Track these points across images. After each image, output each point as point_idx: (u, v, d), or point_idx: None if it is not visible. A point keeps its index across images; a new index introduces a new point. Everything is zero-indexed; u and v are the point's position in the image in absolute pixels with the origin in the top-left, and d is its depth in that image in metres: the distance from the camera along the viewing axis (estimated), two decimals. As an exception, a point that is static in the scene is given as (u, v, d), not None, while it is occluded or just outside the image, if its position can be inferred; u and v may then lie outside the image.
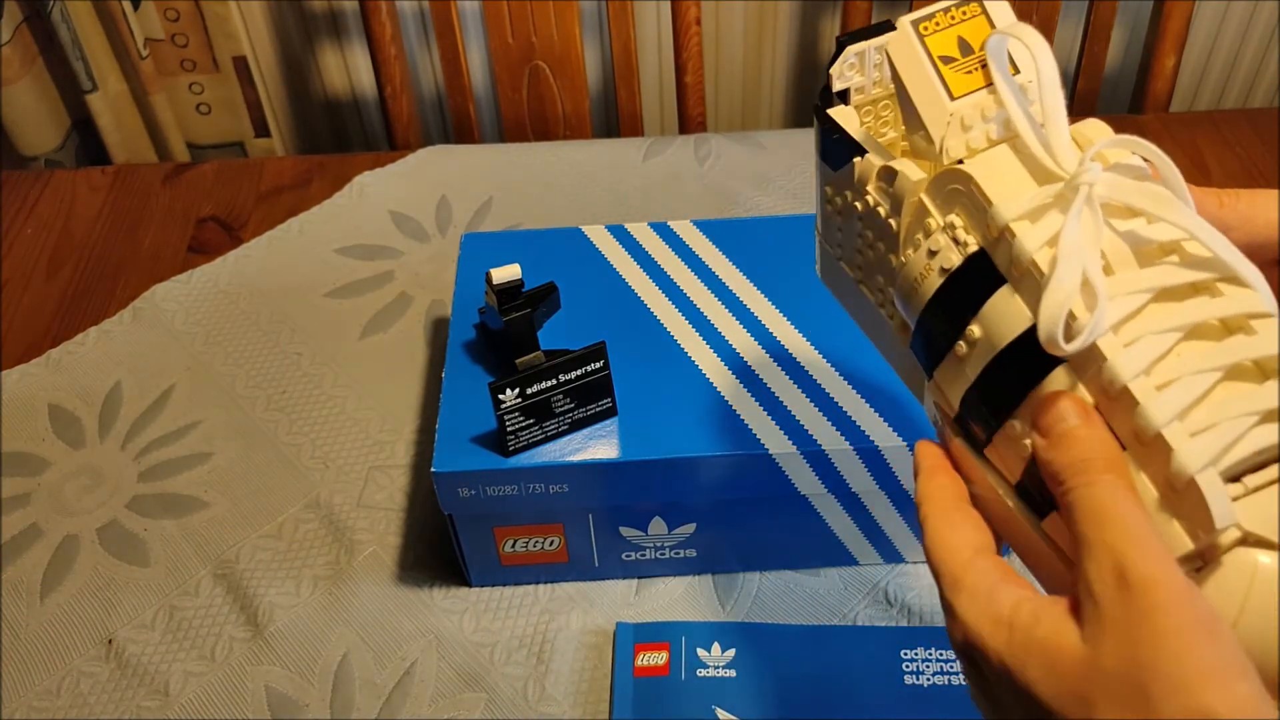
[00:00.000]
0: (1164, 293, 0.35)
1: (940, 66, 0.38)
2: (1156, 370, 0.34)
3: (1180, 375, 0.34)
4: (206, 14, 1.26)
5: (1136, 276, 0.36)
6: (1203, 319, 0.35)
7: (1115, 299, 0.35)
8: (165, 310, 0.89)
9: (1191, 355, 0.34)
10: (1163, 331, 0.35)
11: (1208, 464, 0.32)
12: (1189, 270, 0.35)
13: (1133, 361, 0.34)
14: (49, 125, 1.29)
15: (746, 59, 1.44)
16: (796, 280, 0.72)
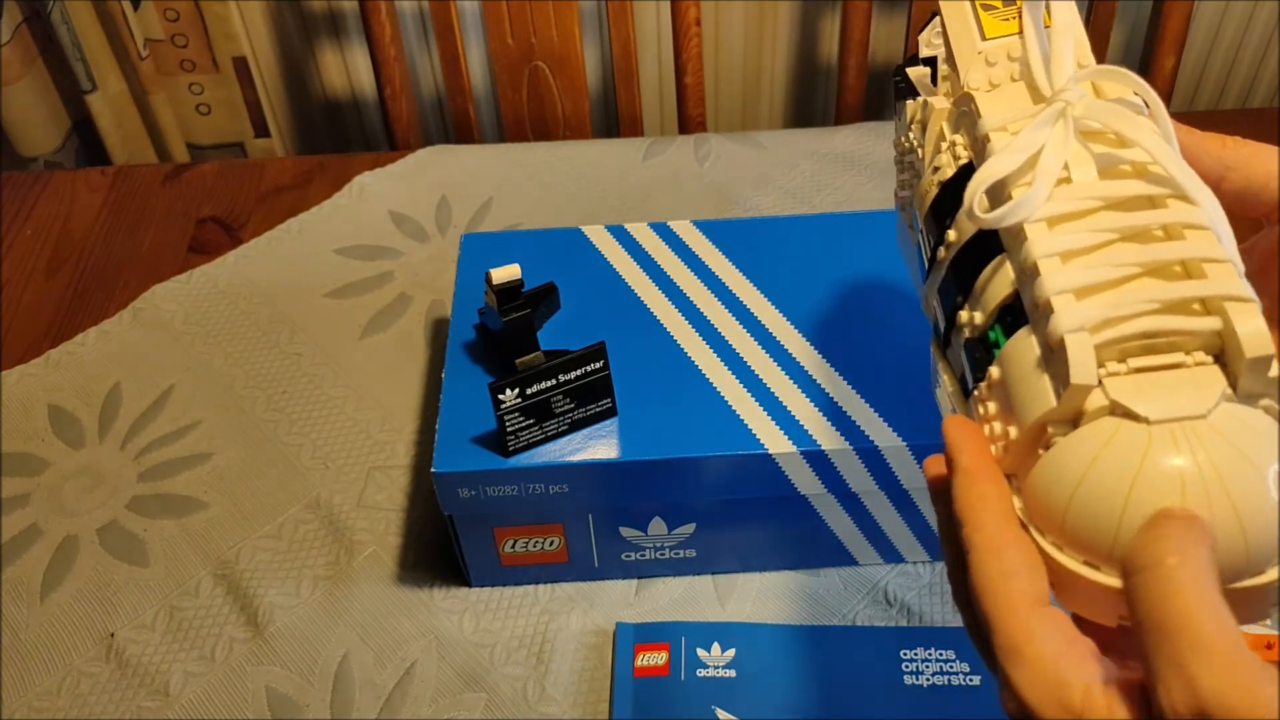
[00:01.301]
0: (1114, 202, 0.37)
1: (980, 11, 0.42)
2: (1078, 260, 0.36)
3: (1099, 265, 0.35)
4: (206, 14, 1.26)
5: (1090, 184, 0.37)
6: (1142, 225, 0.36)
7: (1061, 199, 0.37)
8: (165, 310, 0.89)
9: (1117, 252, 0.35)
10: (1097, 230, 0.36)
11: (1079, 327, 0.34)
12: (1143, 185, 0.37)
13: (1051, 243, 0.36)
14: (49, 126, 1.29)
15: (746, 59, 1.44)
16: (796, 280, 0.72)
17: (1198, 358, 0.34)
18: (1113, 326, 0.34)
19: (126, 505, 0.75)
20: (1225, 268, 0.34)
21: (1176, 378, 0.34)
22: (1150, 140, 0.37)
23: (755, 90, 1.48)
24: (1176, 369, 0.34)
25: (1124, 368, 0.34)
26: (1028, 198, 0.37)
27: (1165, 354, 0.34)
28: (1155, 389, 0.33)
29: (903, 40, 1.21)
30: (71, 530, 0.74)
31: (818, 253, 0.74)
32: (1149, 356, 0.34)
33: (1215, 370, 0.34)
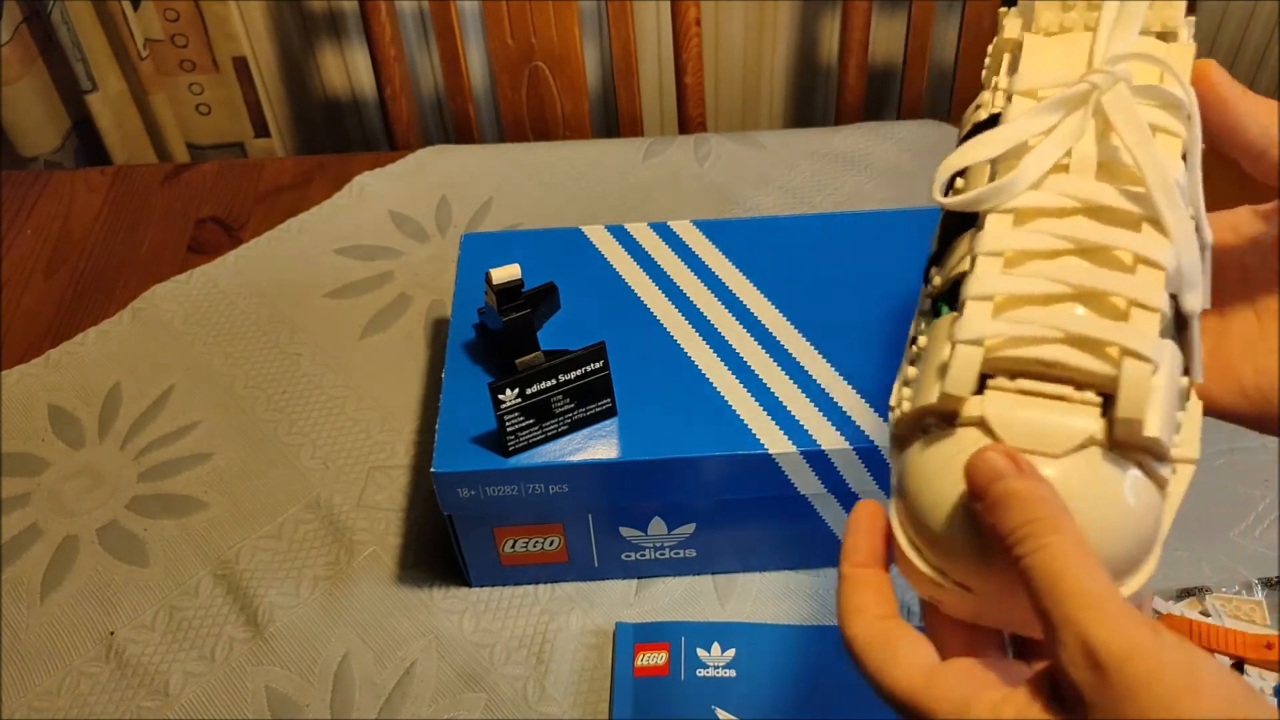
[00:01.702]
0: (1093, 209, 0.36)
1: None
2: (1026, 265, 0.35)
3: (1036, 276, 0.35)
4: (206, 14, 1.26)
5: (1080, 183, 0.36)
6: (1102, 244, 0.35)
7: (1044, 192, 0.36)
8: (165, 310, 0.89)
9: (1063, 266, 0.35)
10: (1059, 236, 0.35)
11: (975, 339, 0.34)
12: (1129, 200, 0.36)
13: (1001, 241, 0.36)
14: (49, 125, 1.29)
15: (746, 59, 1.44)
16: (796, 280, 0.72)
17: (1085, 396, 0.34)
18: (1015, 346, 0.34)
19: (126, 505, 0.75)
20: (1149, 318, 0.34)
21: (1054, 410, 0.34)
22: (1150, 154, 0.35)
23: (755, 90, 1.48)
24: (1060, 401, 0.34)
25: (1012, 385, 0.34)
26: (999, 188, 0.36)
27: (1056, 384, 0.34)
28: (1030, 416, 0.34)
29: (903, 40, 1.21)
30: (71, 530, 0.74)
31: (818, 253, 0.74)
32: (1040, 382, 0.34)
33: (1094, 414, 0.34)
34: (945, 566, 0.35)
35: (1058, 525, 0.32)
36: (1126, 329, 0.33)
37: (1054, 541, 0.31)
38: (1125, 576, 0.34)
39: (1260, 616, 0.63)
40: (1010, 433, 0.34)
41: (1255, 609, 0.63)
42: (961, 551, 0.34)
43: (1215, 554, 0.68)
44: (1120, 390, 0.33)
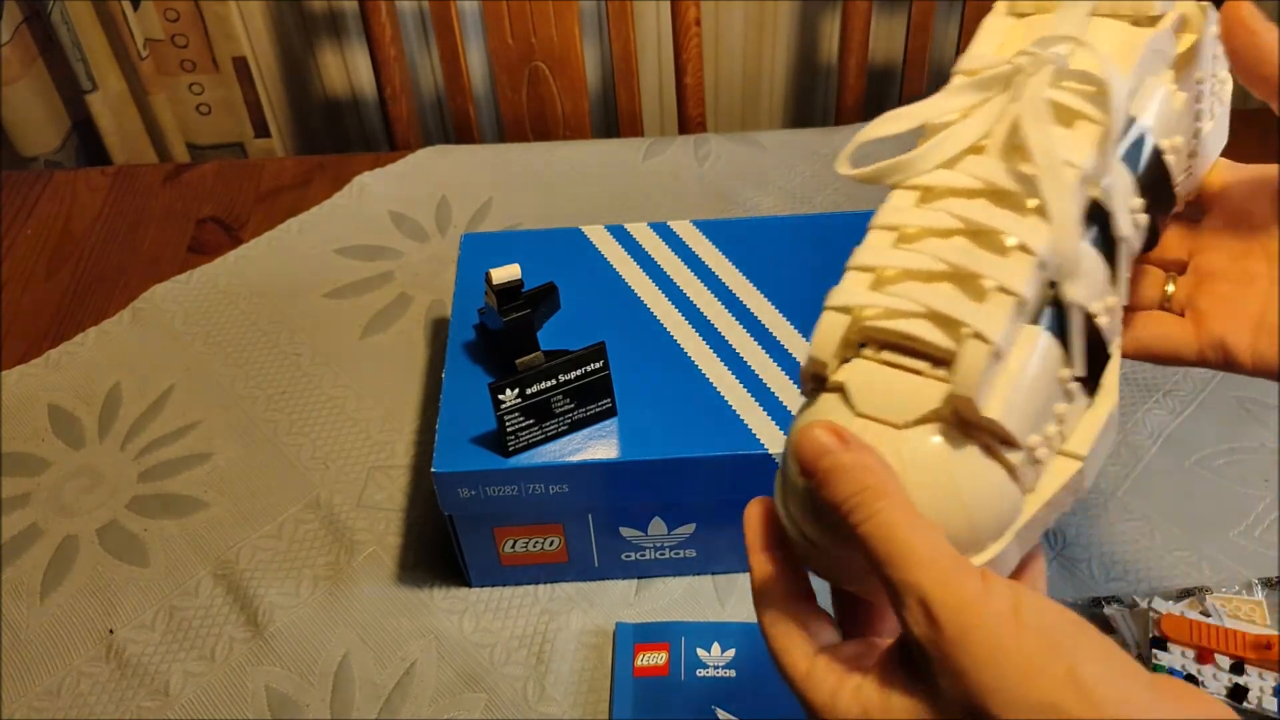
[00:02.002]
0: (992, 190, 0.37)
1: None
2: (923, 241, 0.37)
3: (920, 254, 0.36)
4: (206, 14, 1.26)
5: (987, 164, 0.37)
6: (988, 226, 0.36)
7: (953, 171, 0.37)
8: (165, 310, 0.89)
9: (948, 246, 0.36)
10: (953, 214, 0.36)
11: (841, 307, 0.36)
12: (1023, 185, 0.36)
13: (895, 216, 0.37)
14: (49, 125, 1.29)
15: (746, 59, 1.44)
16: (796, 280, 0.72)
17: (938, 373, 0.35)
18: (884, 318, 0.36)
19: (126, 505, 0.75)
20: (1004, 302, 0.34)
21: (907, 383, 0.35)
22: (1041, 140, 0.36)
23: (755, 90, 1.48)
24: (914, 374, 0.35)
25: (876, 355, 0.36)
26: (898, 164, 0.38)
27: (914, 359, 0.36)
28: (885, 385, 0.36)
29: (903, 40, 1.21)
30: (71, 530, 0.74)
31: (818, 253, 0.74)
32: (901, 355, 0.36)
33: (942, 389, 0.35)
34: (805, 529, 0.37)
35: (884, 491, 0.33)
36: (979, 310, 0.34)
37: (882, 508, 0.33)
38: (965, 554, 0.35)
39: (1260, 616, 0.63)
40: (863, 400, 0.36)
41: (1255, 609, 0.63)
42: (812, 518, 0.36)
43: (1215, 554, 0.68)
44: (956, 368, 0.34)
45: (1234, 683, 0.59)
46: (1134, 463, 0.74)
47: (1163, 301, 0.46)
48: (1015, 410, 0.34)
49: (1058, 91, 0.37)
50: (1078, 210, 0.36)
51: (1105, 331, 0.38)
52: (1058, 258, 0.35)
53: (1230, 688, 0.59)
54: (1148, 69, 0.38)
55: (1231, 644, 0.60)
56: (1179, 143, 0.40)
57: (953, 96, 0.38)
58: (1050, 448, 0.37)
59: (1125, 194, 0.38)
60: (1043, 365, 0.35)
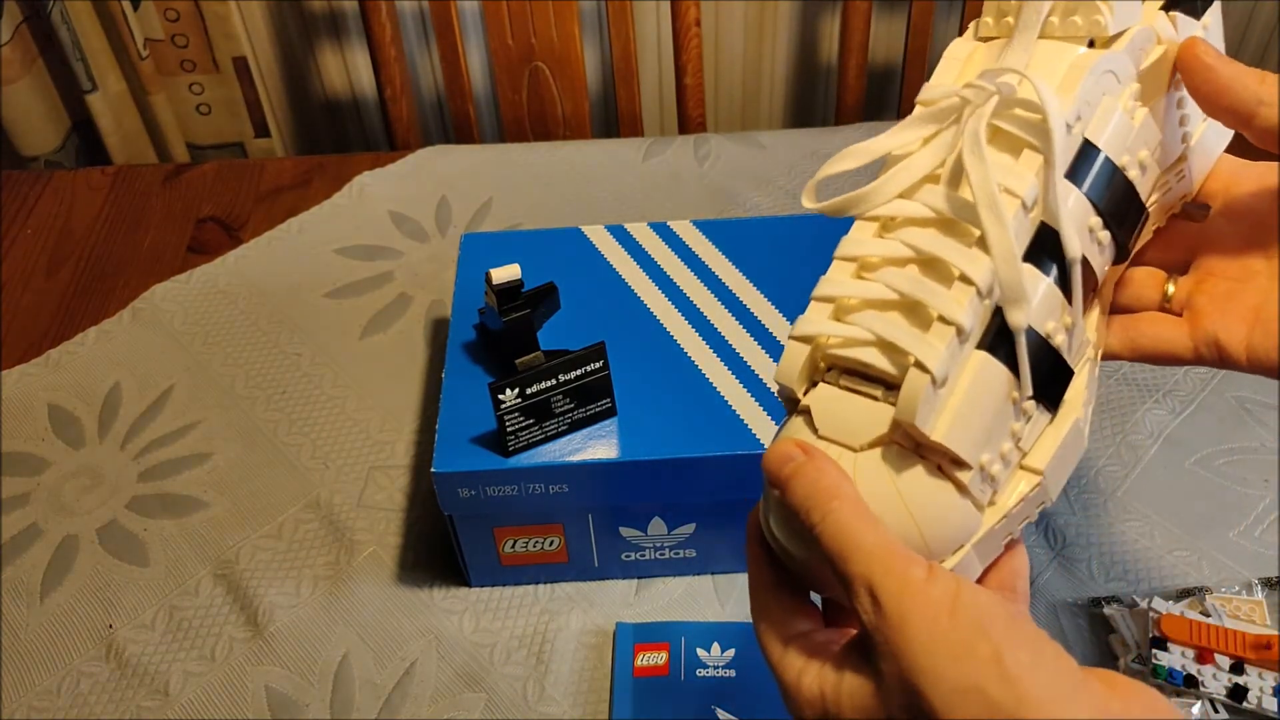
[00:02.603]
0: (942, 220, 0.38)
1: None
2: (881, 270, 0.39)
3: (876, 283, 0.38)
4: (206, 14, 1.26)
5: (937, 194, 0.38)
6: (937, 256, 0.37)
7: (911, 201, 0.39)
8: (165, 310, 0.89)
9: (901, 275, 0.38)
10: (907, 244, 0.38)
11: (804, 336, 0.39)
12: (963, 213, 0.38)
13: (857, 247, 0.40)
14: (49, 125, 1.29)
15: (746, 59, 1.44)
16: (796, 280, 0.72)
17: (890, 397, 0.37)
18: (842, 346, 0.38)
19: (126, 505, 0.75)
20: (944, 331, 0.36)
21: (863, 407, 0.38)
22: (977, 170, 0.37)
23: (755, 90, 1.48)
24: (870, 399, 0.38)
25: (838, 381, 0.39)
26: (858, 196, 0.39)
27: (870, 384, 0.38)
28: (842, 409, 0.38)
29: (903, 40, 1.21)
30: (71, 530, 0.74)
31: (818, 253, 0.74)
32: (859, 380, 0.38)
33: (892, 413, 0.37)
34: (780, 539, 0.39)
35: (838, 492, 0.36)
36: (920, 339, 0.36)
37: (835, 507, 0.35)
38: None
39: (1260, 616, 0.63)
40: (825, 423, 0.38)
41: (1255, 609, 0.63)
42: (783, 529, 0.39)
43: (1215, 554, 0.68)
44: (900, 395, 0.36)
45: (1234, 683, 0.59)
46: (1134, 463, 0.74)
47: (1162, 302, 0.46)
48: (960, 432, 0.36)
49: (1004, 120, 0.38)
50: (1015, 239, 0.37)
51: (1065, 349, 0.39)
52: (999, 286, 0.37)
53: (1230, 688, 0.59)
54: (1100, 89, 0.39)
55: (1231, 644, 0.60)
56: (1144, 156, 0.41)
57: (910, 128, 0.40)
58: (1006, 463, 0.38)
59: (1079, 215, 0.39)
60: (989, 388, 0.37)
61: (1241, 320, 0.43)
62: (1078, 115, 0.38)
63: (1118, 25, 0.39)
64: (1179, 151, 0.43)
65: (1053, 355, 0.39)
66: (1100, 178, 0.39)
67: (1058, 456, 0.39)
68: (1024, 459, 0.39)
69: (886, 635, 0.33)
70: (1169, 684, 0.59)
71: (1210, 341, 0.43)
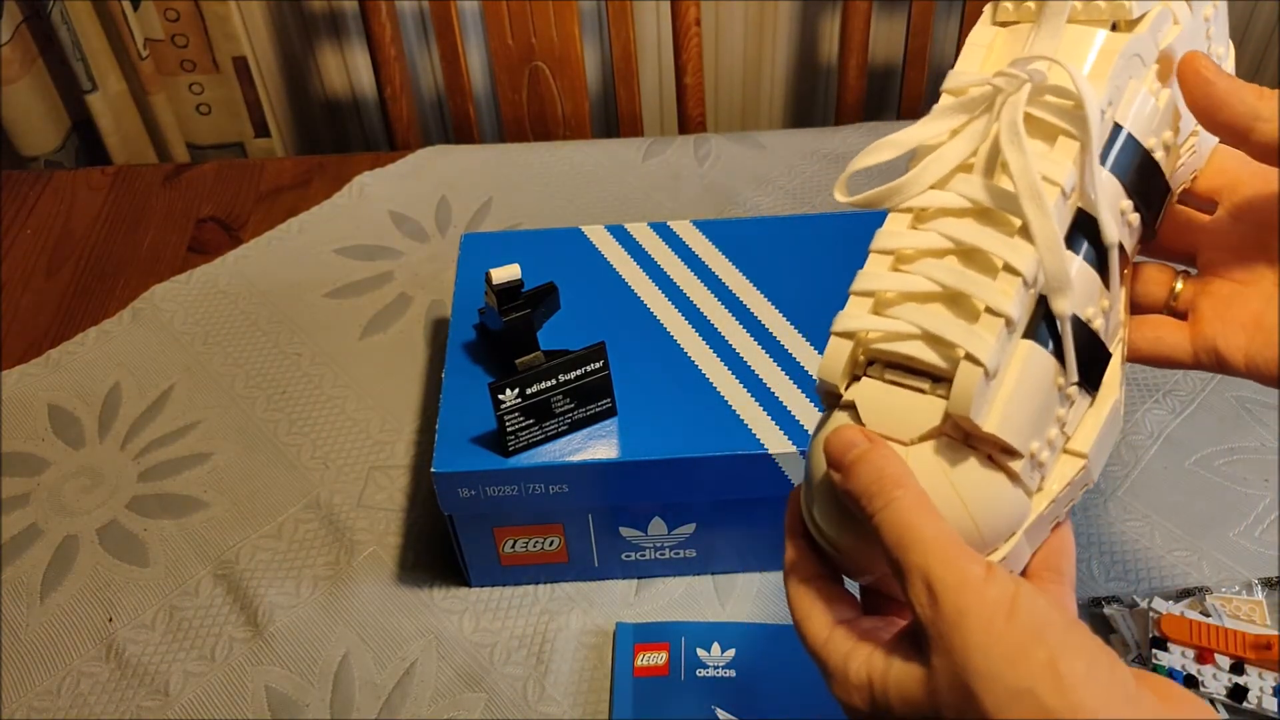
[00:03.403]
0: (981, 210, 0.38)
1: None
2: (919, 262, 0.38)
3: (916, 275, 0.38)
4: (206, 14, 1.26)
5: (972, 184, 0.38)
6: (978, 246, 0.37)
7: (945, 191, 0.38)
8: (165, 310, 0.89)
9: (941, 267, 0.38)
10: (945, 235, 0.38)
11: (847, 332, 0.39)
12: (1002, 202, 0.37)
13: (889, 239, 0.39)
14: (49, 125, 1.29)
15: (746, 59, 1.44)
16: (796, 280, 0.72)
17: (938, 390, 0.37)
18: (886, 340, 0.38)
19: (126, 505, 0.75)
20: (993, 324, 0.36)
21: (910, 401, 0.38)
22: (1019, 159, 0.37)
23: (755, 90, 1.48)
24: (917, 392, 0.38)
25: (883, 375, 0.39)
26: (894, 188, 0.39)
27: (916, 378, 0.38)
28: (891, 404, 0.38)
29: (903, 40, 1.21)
30: (71, 530, 0.74)
31: (818, 253, 0.74)
32: (906, 374, 0.38)
33: (943, 407, 0.37)
34: (825, 529, 0.39)
35: (901, 481, 0.36)
36: (970, 331, 0.36)
37: (899, 496, 0.35)
38: None
39: (1260, 616, 0.63)
40: (872, 418, 0.38)
41: (1255, 609, 0.63)
42: (831, 517, 0.39)
43: (1215, 554, 0.68)
44: (952, 389, 0.36)
45: (1234, 683, 0.59)
46: (1134, 463, 0.74)
47: (1169, 301, 0.46)
48: (1011, 422, 0.36)
49: (1037, 108, 0.38)
50: (1059, 228, 0.37)
51: (1103, 332, 0.39)
52: (1044, 276, 0.37)
53: (1230, 688, 0.59)
54: (1127, 73, 0.39)
55: (1231, 644, 0.60)
56: (1168, 137, 0.41)
57: (940, 118, 0.40)
58: (1053, 449, 0.38)
59: (1113, 199, 0.39)
60: (1037, 377, 0.37)
61: (1242, 328, 0.42)
62: (1109, 100, 0.38)
63: (1140, 8, 0.39)
64: (1191, 127, 0.43)
65: (1094, 339, 0.39)
66: (1130, 161, 0.39)
67: (1100, 438, 0.40)
68: (1068, 443, 0.39)
69: (941, 630, 0.33)
70: (1169, 684, 0.59)
71: (1209, 349, 0.43)
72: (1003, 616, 0.32)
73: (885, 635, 0.38)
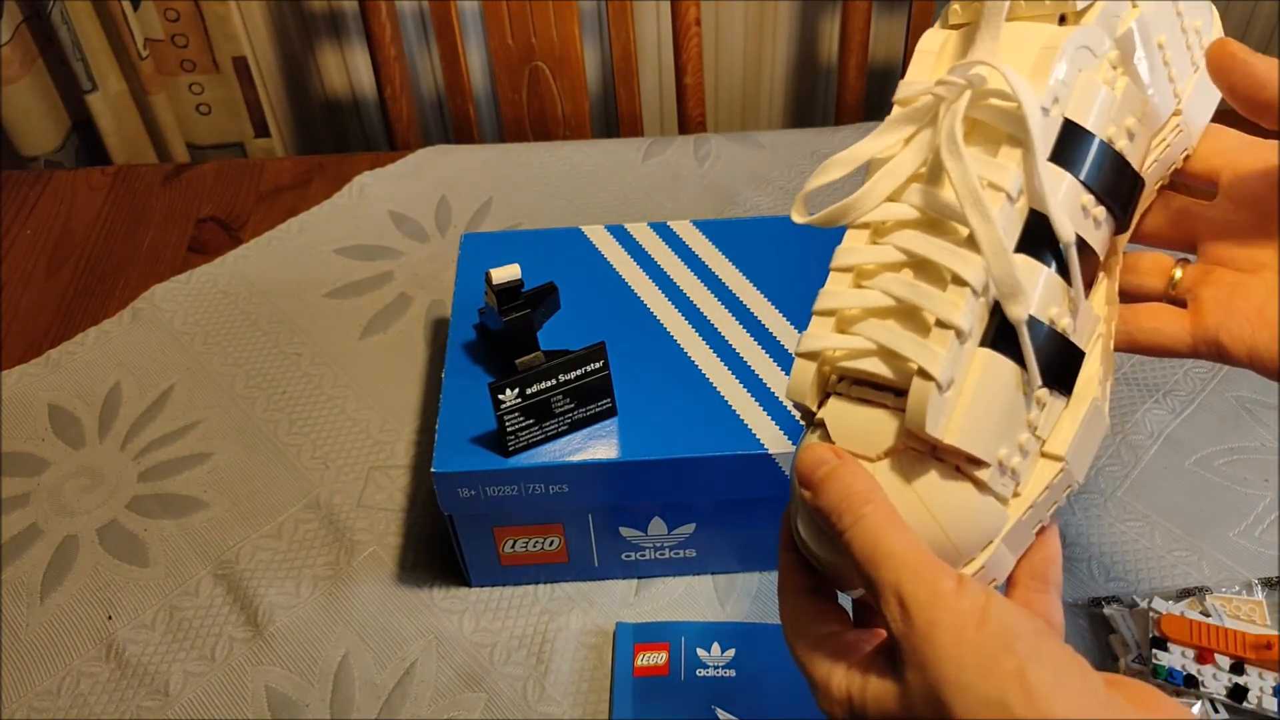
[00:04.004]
0: (929, 222, 0.38)
1: None
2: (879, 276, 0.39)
3: (873, 290, 0.38)
4: (206, 14, 1.26)
5: (922, 195, 0.38)
6: (929, 258, 0.37)
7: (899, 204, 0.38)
8: (165, 310, 0.89)
9: (896, 281, 0.38)
10: (900, 248, 0.38)
11: (808, 352, 0.39)
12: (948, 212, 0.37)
13: (847, 255, 0.40)
14: (49, 125, 1.29)
15: (746, 59, 1.44)
16: (796, 280, 0.72)
17: (901, 404, 0.37)
18: (848, 358, 0.38)
19: (126, 505, 0.75)
20: (943, 335, 0.36)
21: (875, 417, 0.38)
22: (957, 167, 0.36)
23: (755, 90, 1.48)
24: (881, 408, 0.38)
25: (850, 391, 0.39)
26: (846, 206, 0.39)
27: (879, 393, 0.38)
28: (856, 420, 0.38)
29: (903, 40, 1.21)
30: (71, 530, 0.74)
31: (818, 253, 0.74)
32: (870, 390, 0.38)
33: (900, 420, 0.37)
34: (808, 542, 0.39)
35: (869, 498, 0.36)
36: (921, 346, 0.36)
37: (867, 512, 0.36)
38: (955, 567, 0.37)
39: (1260, 616, 0.63)
40: (841, 435, 0.38)
41: (1255, 609, 0.63)
42: (811, 533, 0.39)
43: (1215, 554, 0.68)
44: (908, 403, 0.36)
45: (1234, 683, 0.59)
46: (1134, 463, 0.74)
47: (1167, 289, 0.45)
48: (973, 432, 0.36)
49: (981, 112, 0.38)
50: (1006, 234, 0.36)
51: (1070, 332, 0.39)
52: (994, 283, 0.36)
53: (1230, 688, 0.59)
54: (1076, 66, 0.38)
55: (1231, 644, 0.60)
56: (1131, 124, 0.40)
57: (891, 130, 0.39)
58: (1025, 454, 0.38)
59: (1069, 196, 0.38)
60: (998, 384, 0.37)
61: (1245, 320, 0.42)
62: (1054, 98, 0.38)
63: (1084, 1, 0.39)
64: (1172, 106, 0.42)
65: (1060, 341, 0.39)
66: (1087, 155, 0.39)
67: (1078, 439, 0.39)
68: (1044, 446, 0.39)
69: (914, 644, 0.33)
70: (1169, 684, 0.59)
71: (1210, 339, 0.43)
72: (973, 627, 0.33)
73: (868, 649, 0.38)
